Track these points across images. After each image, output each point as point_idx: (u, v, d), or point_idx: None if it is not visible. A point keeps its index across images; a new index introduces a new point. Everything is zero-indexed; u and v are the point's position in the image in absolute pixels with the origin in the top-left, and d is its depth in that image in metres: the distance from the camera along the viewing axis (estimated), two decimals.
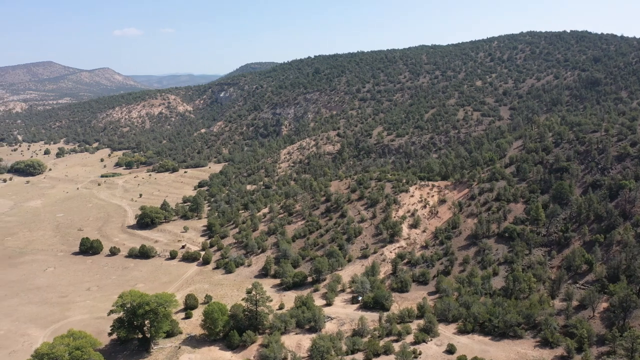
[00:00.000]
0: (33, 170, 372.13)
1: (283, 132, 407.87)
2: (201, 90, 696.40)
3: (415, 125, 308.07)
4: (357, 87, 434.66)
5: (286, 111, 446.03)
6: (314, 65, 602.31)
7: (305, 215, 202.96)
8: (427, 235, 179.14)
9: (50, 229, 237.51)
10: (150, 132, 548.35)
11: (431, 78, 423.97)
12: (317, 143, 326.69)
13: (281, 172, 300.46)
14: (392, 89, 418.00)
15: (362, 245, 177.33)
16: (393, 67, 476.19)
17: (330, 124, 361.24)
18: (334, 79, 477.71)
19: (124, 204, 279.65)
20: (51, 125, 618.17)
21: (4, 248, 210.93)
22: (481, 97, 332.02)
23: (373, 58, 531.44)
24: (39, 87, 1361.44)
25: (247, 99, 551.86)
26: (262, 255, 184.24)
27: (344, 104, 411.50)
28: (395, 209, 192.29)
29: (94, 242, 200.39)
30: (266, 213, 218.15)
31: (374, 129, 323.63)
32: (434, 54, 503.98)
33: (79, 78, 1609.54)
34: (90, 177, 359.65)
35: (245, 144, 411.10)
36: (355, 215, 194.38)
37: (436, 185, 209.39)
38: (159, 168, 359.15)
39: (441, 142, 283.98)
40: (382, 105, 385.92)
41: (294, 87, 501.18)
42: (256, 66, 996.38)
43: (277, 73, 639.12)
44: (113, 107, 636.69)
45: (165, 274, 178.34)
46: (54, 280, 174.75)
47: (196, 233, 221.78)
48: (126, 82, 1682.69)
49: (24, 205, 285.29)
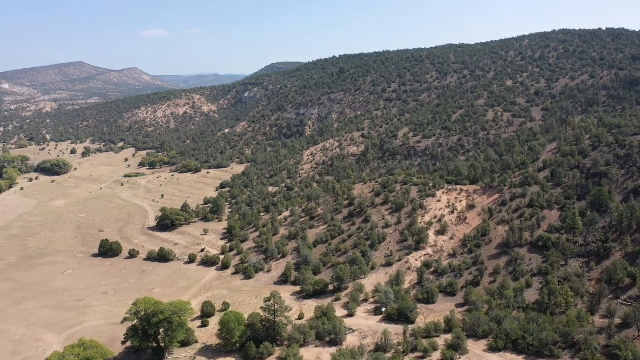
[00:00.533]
0: (58, 169, 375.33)
1: (306, 132, 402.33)
2: (226, 90, 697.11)
3: (442, 126, 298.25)
4: (383, 87, 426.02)
5: (310, 111, 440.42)
6: (338, 65, 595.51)
7: (328, 219, 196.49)
8: (454, 243, 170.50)
9: (71, 229, 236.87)
10: (174, 132, 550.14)
11: (459, 78, 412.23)
12: (341, 144, 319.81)
13: (304, 174, 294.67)
14: (419, 88, 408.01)
15: (386, 252, 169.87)
16: (420, 66, 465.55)
17: (355, 125, 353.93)
18: (359, 78, 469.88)
19: (145, 205, 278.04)
20: (78, 124, 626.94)
21: (26, 249, 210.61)
22: (512, 98, 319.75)
23: (399, 57, 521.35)
24: (69, 87, 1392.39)
25: (271, 99, 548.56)
26: (282, 260, 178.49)
27: (368, 104, 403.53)
28: (422, 215, 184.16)
29: (113, 245, 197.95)
30: (287, 216, 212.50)
31: (399, 130, 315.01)
32: (462, 53, 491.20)
33: (108, 78, 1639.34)
34: (114, 177, 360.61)
35: (268, 144, 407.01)
36: (379, 221, 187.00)
37: (465, 189, 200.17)
38: (182, 168, 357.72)
39: (470, 144, 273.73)
40: (408, 106, 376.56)
41: (318, 87, 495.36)
42: (281, 66, 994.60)
43: (302, 73, 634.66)
44: (139, 107, 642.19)
45: (184, 279, 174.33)
46: (72, 283, 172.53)
47: (216, 236, 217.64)
48: (153, 82, 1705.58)
49: (48, 205, 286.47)
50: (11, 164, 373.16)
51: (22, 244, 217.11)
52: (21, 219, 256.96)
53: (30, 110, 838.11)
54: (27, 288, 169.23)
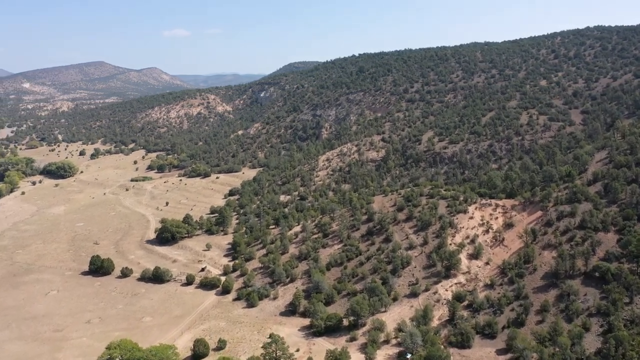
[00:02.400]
0: (64, 172, 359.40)
1: (323, 135, 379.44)
2: (241, 89, 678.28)
3: (470, 130, 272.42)
4: (405, 87, 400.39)
5: (327, 112, 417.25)
6: (358, 64, 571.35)
7: (343, 237, 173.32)
8: (491, 270, 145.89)
9: (65, 241, 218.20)
10: (187, 132, 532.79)
11: (487, 77, 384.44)
12: (360, 149, 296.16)
13: (318, 181, 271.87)
14: (444, 89, 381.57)
15: (410, 279, 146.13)
16: (444, 65, 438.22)
17: (375, 128, 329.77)
18: (379, 78, 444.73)
19: (148, 213, 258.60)
20: (91, 125, 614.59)
21: (12, 263, 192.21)
22: (547, 99, 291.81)
23: (422, 56, 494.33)
24: (89, 87, 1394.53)
25: (287, 99, 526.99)
26: (291, 285, 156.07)
27: (389, 105, 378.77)
28: (451, 234, 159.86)
29: (104, 262, 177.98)
30: (298, 232, 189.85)
31: (423, 133, 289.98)
32: (489, 51, 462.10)
33: (128, 77, 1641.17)
34: (119, 181, 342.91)
35: (282, 147, 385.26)
36: (402, 240, 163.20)
37: (500, 204, 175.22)
38: (191, 172, 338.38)
39: (502, 151, 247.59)
40: (432, 107, 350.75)
41: (336, 86, 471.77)
42: (299, 65, 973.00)
43: (319, 72, 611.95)
44: (152, 107, 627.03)
45: (179, 305, 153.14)
46: (54, 308, 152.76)
47: (219, 252, 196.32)
48: (172, 81, 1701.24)
49: (46, 211, 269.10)
50: (15, 167, 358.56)
51: (10, 257, 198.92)
52: (15, 228, 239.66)
53: (47, 110, 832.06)
54: (3, 313, 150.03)
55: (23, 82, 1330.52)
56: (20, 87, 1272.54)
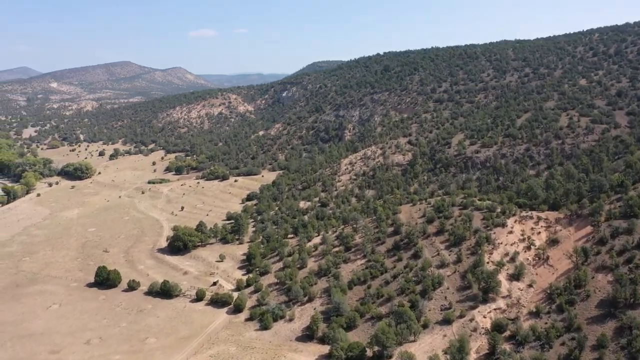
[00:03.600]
0: (81, 173, 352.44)
1: (346, 136, 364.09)
2: (263, 89, 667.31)
3: (505, 133, 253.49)
4: (432, 87, 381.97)
5: (350, 113, 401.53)
6: (383, 63, 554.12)
7: (367, 251, 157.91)
8: (535, 294, 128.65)
9: (74, 247, 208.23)
10: (207, 133, 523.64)
11: (520, 76, 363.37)
12: (385, 152, 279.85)
13: (341, 187, 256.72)
14: (474, 88, 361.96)
15: (442, 302, 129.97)
16: (474, 63, 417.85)
17: (400, 129, 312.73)
18: (405, 77, 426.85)
19: (162, 219, 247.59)
20: (113, 124, 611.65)
21: (17, 272, 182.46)
22: (588, 99, 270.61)
23: (450, 54, 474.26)
24: (114, 86, 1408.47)
25: (310, 99, 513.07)
26: (309, 306, 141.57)
27: (416, 105, 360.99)
28: (488, 251, 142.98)
29: (110, 274, 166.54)
30: (318, 244, 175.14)
31: (452, 136, 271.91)
32: (521, 49, 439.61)
33: (153, 77, 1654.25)
34: (136, 183, 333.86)
35: (304, 149, 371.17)
36: (432, 257, 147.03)
37: (543, 217, 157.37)
38: (209, 175, 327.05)
39: (540, 156, 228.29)
40: (462, 108, 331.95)
41: (360, 86, 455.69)
42: (322, 64, 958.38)
43: (343, 71, 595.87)
44: (174, 107, 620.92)
45: (186, 324, 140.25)
46: (54, 324, 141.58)
47: (233, 264, 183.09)
48: (197, 81, 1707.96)
49: (59, 215, 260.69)
50: (32, 167, 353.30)
51: (16, 265, 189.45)
52: (25, 232, 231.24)
53: (72, 109, 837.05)
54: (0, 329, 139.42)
55: (51, 82, 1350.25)
56: (48, 86, 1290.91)
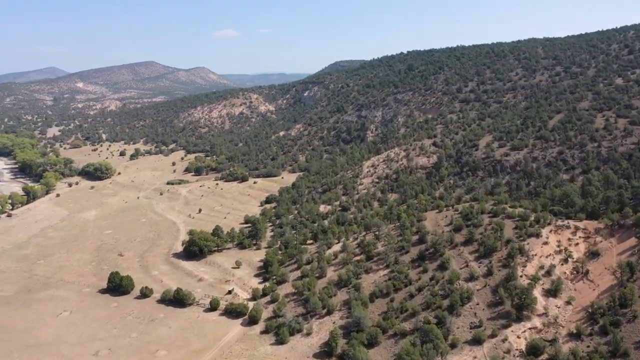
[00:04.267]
0: (101, 174, 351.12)
1: (368, 137, 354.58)
2: (285, 89, 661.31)
3: (536, 135, 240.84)
4: (458, 86, 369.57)
5: (373, 113, 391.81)
6: (406, 62, 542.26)
7: (390, 261, 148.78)
8: (574, 312, 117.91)
9: (90, 250, 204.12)
10: (228, 133, 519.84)
11: (551, 75, 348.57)
12: (408, 154, 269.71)
13: (362, 190, 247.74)
14: (502, 88, 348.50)
15: (472, 319, 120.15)
16: (502, 62, 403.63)
17: (425, 131, 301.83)
18: (430, 76, 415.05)
19: (179, 221, 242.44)
20: (135, 124, 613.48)
21: (30, 276, 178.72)
22: (626, 100, 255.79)
23: (476, 52, 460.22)
24: (139, 86, 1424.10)
25: (331, 99, 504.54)
26: (327, 319, 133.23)
27: (441, 105, 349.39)
28: (522, 263, 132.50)
29: (123, 280, 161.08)
30: (338, 252, 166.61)
31: (480, 138, 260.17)
32: (552, 46, 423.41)
33: (176, 77, 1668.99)
34: (155, 184, 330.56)
35: (324, 150, 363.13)
36: (461, 269, 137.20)
37: (581, 227, 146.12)
38: (228, 176, 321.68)
39: (574, 159, 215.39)
40: (490, 108, 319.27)
41: (383, 86, 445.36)
42: (345, 64, 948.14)
43: (366, 70, 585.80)
44: (195, 107, 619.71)
45: (199, 336, 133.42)
46: (63, 333, 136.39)
47: (250, 270, 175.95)
48: (220, 81, 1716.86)
49: (77, 216, 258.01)
50: (53, 167, 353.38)
51: (30, 268, 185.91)
52: (42, 234, 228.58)
53: (96, 109, 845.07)
54: (7, 338, 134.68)
55: (77, 82, 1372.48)
56: (74, 86, 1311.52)
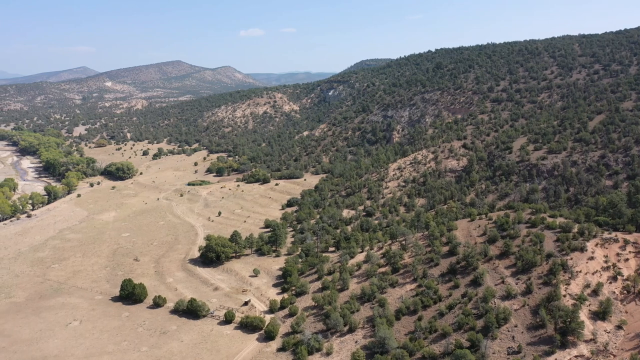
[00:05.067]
0: (122, 174, 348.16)
1: (394, 138, 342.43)
2: (309, 88, 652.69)
3: (575, 137, 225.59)
4: (489, 85, 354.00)
5: (399, 114, 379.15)
6: (434, 60, 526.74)
7: (417, 274, 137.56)
8: (627, 339, 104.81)
9: (105, 254, 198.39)
10: (251, 133, 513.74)
11: (589, 73, 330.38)
12: (437, 156, 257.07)
13: (388, 194, 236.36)
14: (536, 87, 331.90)
15: (510, 344, 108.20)
16: (535, 60, 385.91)
17: (454, 132, 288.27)
18: (459, 75, 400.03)
19: (198, 225, 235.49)
20: (159, 123, 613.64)
21: (43, 281, 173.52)
22: None
23: (508, 50, 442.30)
24: (165, 85, 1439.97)
25: (357, 98, 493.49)
26: (349, 337, 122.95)
27: (471, 105, 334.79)
28: (565, 281, 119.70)
29: (136, 288, 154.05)
30: (361, 262, 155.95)
31: (514, 140, 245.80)
32: (589, 43, 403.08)
33: (202, 76, 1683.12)
34: (176, 185, 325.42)
35: (349, 151, 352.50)
36: (496, 285, 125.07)
37: (631, 240, 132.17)
38: (249, 178, 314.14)
39: (618, 164, 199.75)
40: (523, 109, 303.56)
41: (410, 84, 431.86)
42: (371, 63, 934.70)
43: (392, 69, 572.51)
44: (219, 106, 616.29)
45: (211, 352, 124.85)
46: (70, 346, 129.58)
47: (268, 279, 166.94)
48: (245, 80, 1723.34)
49: (96, 218, 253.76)
50: (76, 167, 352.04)
51: (44, 273, 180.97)
52: (59, 236, 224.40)
53: (122, 108, 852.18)
54: (12, 348, 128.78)
55: (106, 81, 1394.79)
56: (103, 85, 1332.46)
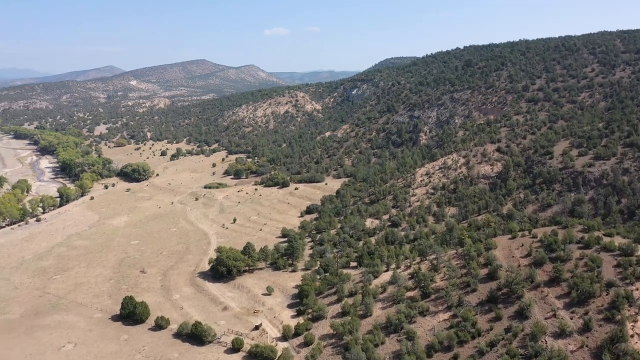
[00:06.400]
0: (138, 175, 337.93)
1: (421, 140, 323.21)
2: (332, 87, 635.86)
3: (624, 141, 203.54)
4: (524, 84, 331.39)
5: (426, 114, 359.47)
6: (463, 58, 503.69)
7: (452, 302, 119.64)
8: None
9: (111, 265, 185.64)
10: (272, 133, 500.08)
11: (634, 71, 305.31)
12: (468, 161, 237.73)
13: (415, 202, 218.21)
14: (575, 86, 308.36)
15: None
16: (574, 57, 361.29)
17: (487, 134, 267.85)
18: (491, 73, 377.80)
19: (211, 232, 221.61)
20: (180, 122, 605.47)
21: (42, 294, 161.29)
22: None
23: (544, 46, 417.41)
24: (189, 84, 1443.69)
25: (381, 97, 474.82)
26: None
27: (505, 106, 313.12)
28: (631, 317, 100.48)
29: (137, 307, 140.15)
30: (386, 284, 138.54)
31: (554, 144, 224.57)
32: (632, 39, 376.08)
33: (226, 75, 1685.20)
34: (192, 187, 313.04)
35: (373, 154, 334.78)
36: (546, 319, 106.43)
37: None
38: (268, 181, 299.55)
39: None
40: (562, 109, 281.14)
41: (438, 83, 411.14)
42: (395, 61, 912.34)
43: (418, 67, 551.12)
44: (240, 105, 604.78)
45: None
46: None
47: (283, 299, 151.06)
48: (269, 78, 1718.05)
49: (106, 223, 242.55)
50: (91, 168, 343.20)
51: (44, 285, 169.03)
52: (66, 243, 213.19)
53: (145, 107, 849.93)
54: None
55: (131, 80, 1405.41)
56: (128, 84, 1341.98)
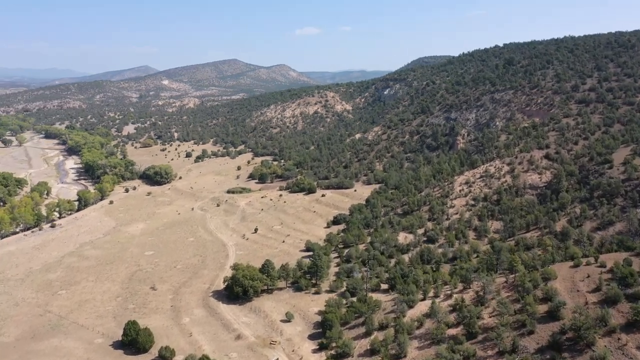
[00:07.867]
0: (160, 178, 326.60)
1: (458, 144, 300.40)
2: (363, 86, 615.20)
3: None
4: (573, 84, 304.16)
5: (464, 116, 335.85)
6: (503, 56, 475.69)
7: (504, 346, 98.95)
8: None
9: (120, 280, 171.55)
10: (300, 134, 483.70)
11: None
12: (513, 169, 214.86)
13: (454, 214, 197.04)
14: (632, 85, 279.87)
15: None
16: (629, 54, 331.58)
17: (533, 139, 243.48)
18: (536, 72, 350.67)
19: (230, 243, 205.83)
20: (208, 123, 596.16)
21: (43, 313, 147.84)
22: None
23: (594, 43, 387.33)
24: (221, 83, 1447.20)
25: (415, 98, 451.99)
26: None
27: (552, 107, 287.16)
28: None
29: (140, 334, 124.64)
30: (423, 317, 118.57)
31: (613, 150, 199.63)
32: None
33: (257, 74, 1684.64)
34: (215, 192, 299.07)
35: (406, 158, 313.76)
36: None
37: None
38: (293, 187, 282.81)
39: None
40: (618, 112, 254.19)
41: (476, 83, 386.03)
42: (429, 60, 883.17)
43: (454, 66, 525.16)
44: (268, 105, 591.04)
45: None
46: None
47: (304, 327, 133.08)
48: (300, 78, 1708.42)
49: (122, 230, 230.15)
50: (113, 170, 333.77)
51: (47, 302, 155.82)
52: (78, 252, 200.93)
53: (175, 106, 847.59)
54: None
55: (163, 80, 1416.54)
56: (160, 84, 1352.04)
